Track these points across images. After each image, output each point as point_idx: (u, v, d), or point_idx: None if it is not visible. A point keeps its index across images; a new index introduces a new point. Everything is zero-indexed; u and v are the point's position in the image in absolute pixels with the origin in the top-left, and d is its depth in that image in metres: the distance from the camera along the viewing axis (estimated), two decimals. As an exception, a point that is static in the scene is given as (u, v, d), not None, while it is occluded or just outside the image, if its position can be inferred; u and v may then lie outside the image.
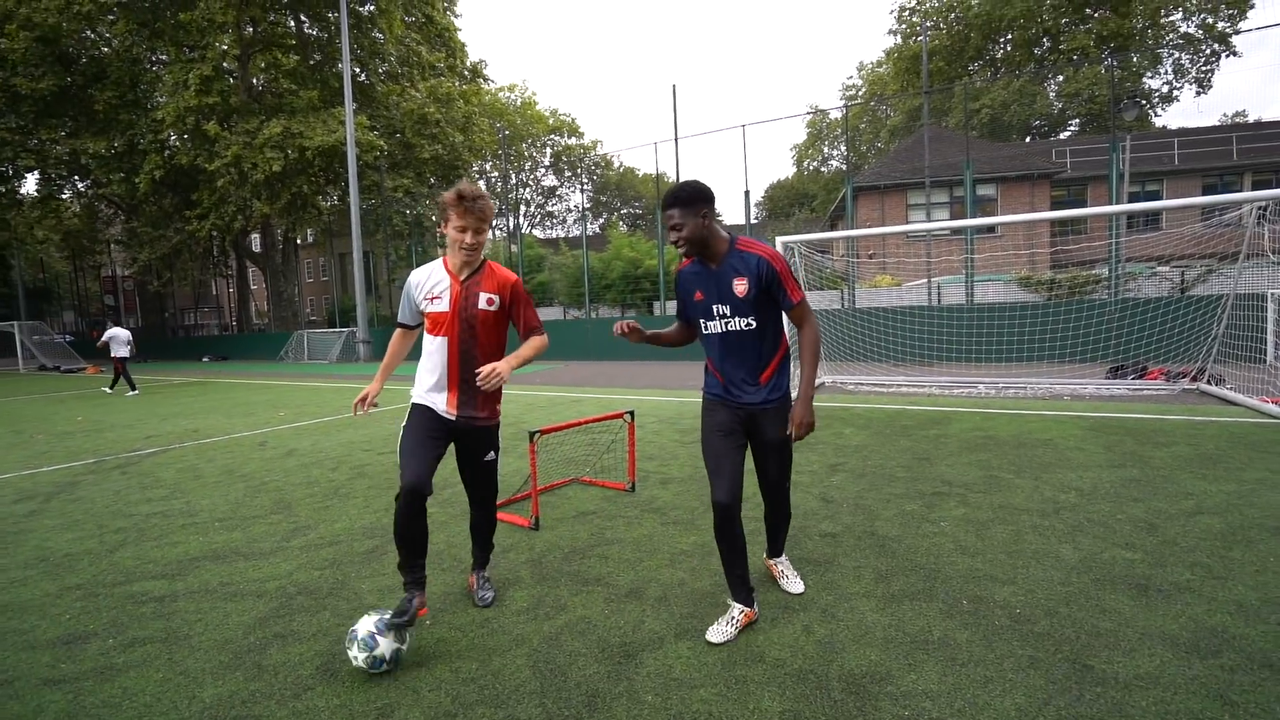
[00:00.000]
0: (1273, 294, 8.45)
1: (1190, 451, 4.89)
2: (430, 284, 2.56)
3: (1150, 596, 2.57)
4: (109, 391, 13.70)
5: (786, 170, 68.20)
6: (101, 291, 46.61)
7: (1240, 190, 23.15)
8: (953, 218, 20.52)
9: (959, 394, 8.52)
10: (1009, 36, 36.17)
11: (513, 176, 49.95)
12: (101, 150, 25.12)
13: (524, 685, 2.14)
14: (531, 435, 3.69)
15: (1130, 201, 21.06)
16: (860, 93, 46.79)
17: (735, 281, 2.38)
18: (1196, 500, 3.72)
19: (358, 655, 2.18)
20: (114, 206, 32.63)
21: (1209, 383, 7.92)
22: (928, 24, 37.22)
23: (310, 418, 8.73)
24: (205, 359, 29.44)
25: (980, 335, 11.25)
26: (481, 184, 46.18)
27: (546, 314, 23.58)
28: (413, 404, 2.58)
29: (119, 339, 13.13)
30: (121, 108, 25.83)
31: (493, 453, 2.69)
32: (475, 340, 2.54)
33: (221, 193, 24.19)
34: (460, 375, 2.53)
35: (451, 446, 2.64)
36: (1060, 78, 34.68)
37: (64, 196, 30.56)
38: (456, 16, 30.99)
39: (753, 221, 18.41)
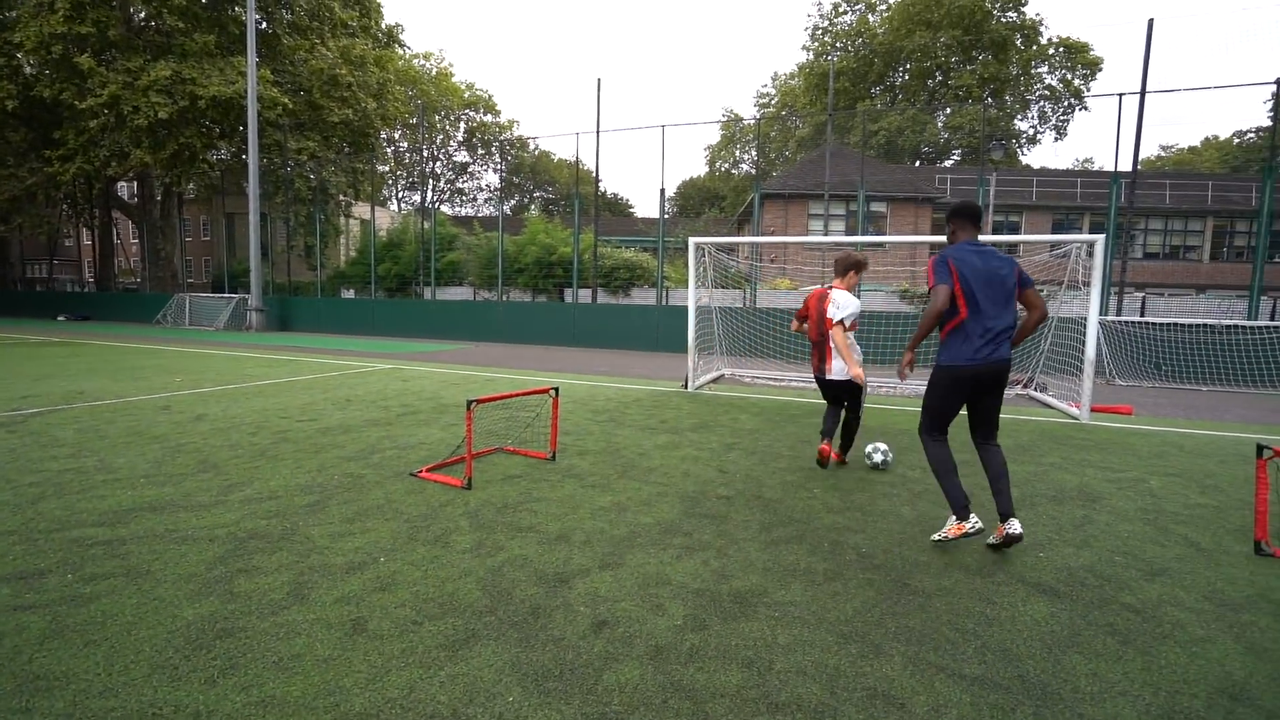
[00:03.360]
0: (1085, 317, 10.15)
1: (1009, 443, 6.02)
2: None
3: (957, 541, 3.40)
4: None
5: (700, 168, 70.06)
6: (-77, 232, 40.23)
7: (1080, 228, 26.75)
8: (847, 231, 22.34)
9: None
10: (907, 67, 39.34)
11: (424, 149, 48.10)
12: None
13: (477, 602, 2.59)
14: (469, 404, 4.07)
15: (994, 231, 23.73)
16: (773, 101, 49.08)
17: None
18: (1005, 477, 4.72)
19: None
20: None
21: (1036, 389, 9.46)
22: (837, 45, 39.70)
23: (211, 384, 8.45)
24: (61, 317, 26.48)
25: (865, 339, 12.58)
26: (389, 152, 43.82)
27: (456, 294, 23.25)
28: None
29: None
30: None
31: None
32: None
33: (93, 134, 21.84)
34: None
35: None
36: (948, 111, 38.21)
37: None
38: (373, -25, 29.55)
39: (665, 217, 19.15)
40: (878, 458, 4.79)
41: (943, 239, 9.81)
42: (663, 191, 18.07)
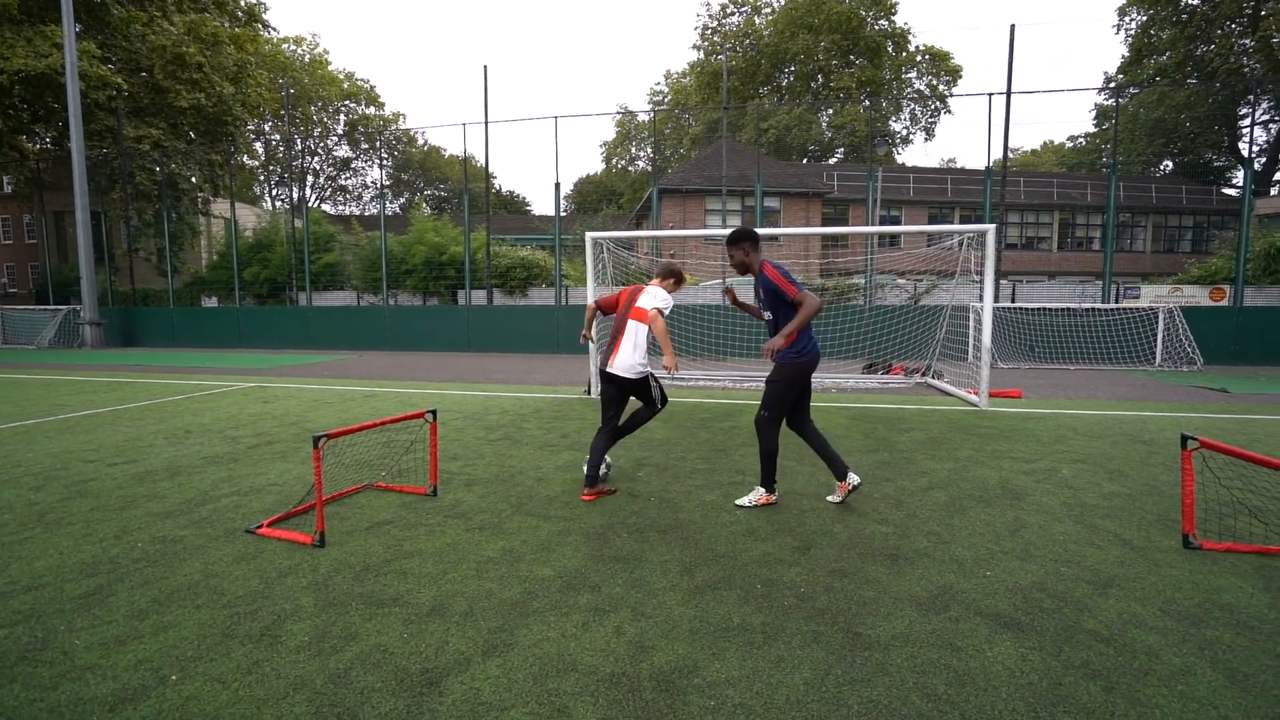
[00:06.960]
0: (974, 306, 10.57)
1: (923, 436, 5.91)
2: None
3: (900, 564, 3.02)
4: None
5: (596, 166, 69.52)
6: None
7: (952, 221, 28.72)
8: (744, 225, 22.58)
9: (748, 388, 9.37)
10: (792, 69, 40.70)
11: (298, 142, 44.17)
12: None
13: (303, 737, 1.85)
14: (316, 440, 3.23)
15: (882, 224, 24.92)
16: (666, 99, 49.34)
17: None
18: (929, 478, 4.50)
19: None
20: None
21: (933, 377, 9.68)
22: (726, 45, 40.43)
23: (2, 421, 6.83)
24: None
25: (763, 332, 12.54)
26: (259, 147, 40.16)
27: (337, 299, 21.26)
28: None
29: None
30: None
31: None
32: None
33: None
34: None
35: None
36: (830, 111, 39.93)
37: None
38: (225, -55, 26.50)
39: (562, 214, 18.44)
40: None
41: (833, 230, 9.82)
42: (558, 186, 17.32)
